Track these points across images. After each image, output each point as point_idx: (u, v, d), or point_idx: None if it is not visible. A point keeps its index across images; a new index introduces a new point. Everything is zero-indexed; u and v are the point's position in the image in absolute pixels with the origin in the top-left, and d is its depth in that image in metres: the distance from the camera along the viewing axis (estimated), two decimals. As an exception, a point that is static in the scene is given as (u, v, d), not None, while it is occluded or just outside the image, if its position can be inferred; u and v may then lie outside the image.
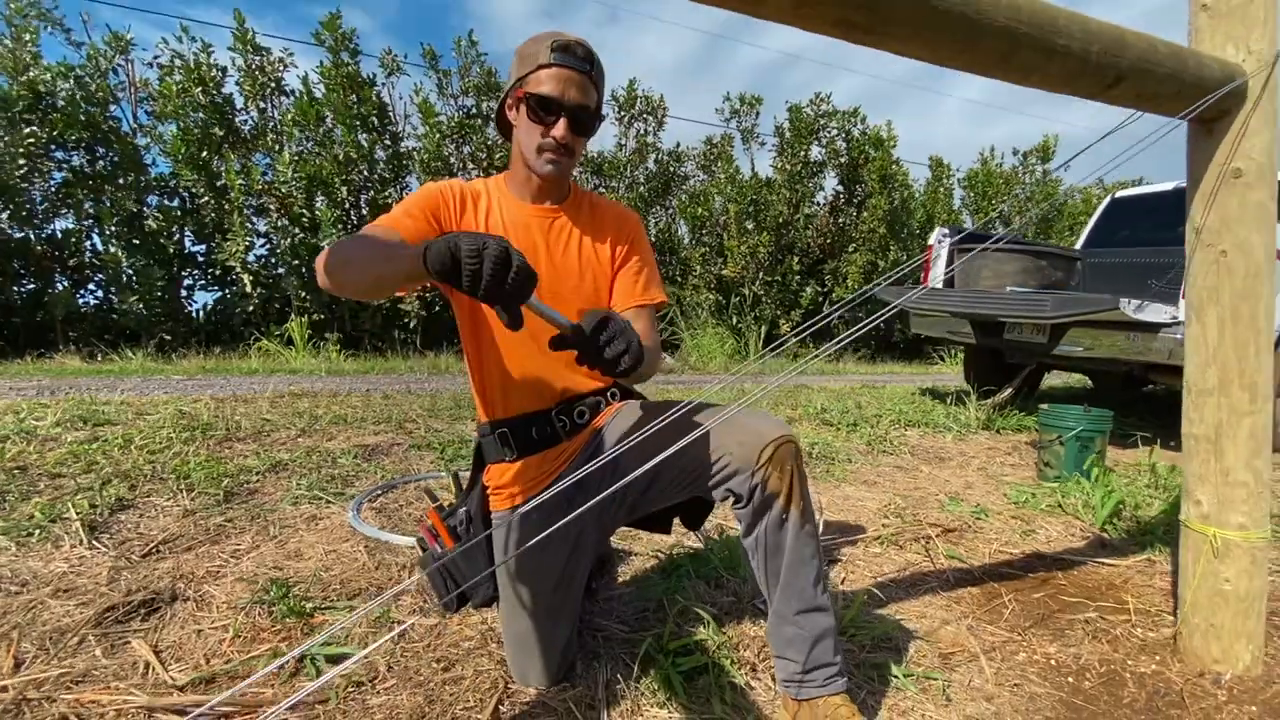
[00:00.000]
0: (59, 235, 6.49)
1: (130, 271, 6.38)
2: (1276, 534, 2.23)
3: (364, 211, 7.39)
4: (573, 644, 1.27)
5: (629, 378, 1.03)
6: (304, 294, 6.89)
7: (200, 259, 7.17)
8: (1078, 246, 5.42)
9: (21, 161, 5.93)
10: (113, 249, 6.38)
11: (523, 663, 1.22)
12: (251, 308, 6.85)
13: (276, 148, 6.95)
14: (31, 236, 6.31)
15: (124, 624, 1.40)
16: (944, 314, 4.52)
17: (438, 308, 7.50)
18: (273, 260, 7.03)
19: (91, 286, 6.82)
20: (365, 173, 7.26)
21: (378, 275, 0.89)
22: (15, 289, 6.34)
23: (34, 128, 5.99)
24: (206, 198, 6.68)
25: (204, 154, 6.60)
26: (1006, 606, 1.67)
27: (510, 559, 1.19)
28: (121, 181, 6.52)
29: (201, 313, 7.29)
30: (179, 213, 6.88)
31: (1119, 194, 5.37)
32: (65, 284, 6.60)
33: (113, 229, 6.39)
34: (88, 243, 6.64)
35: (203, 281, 7.29)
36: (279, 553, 1.79)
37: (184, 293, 7.13)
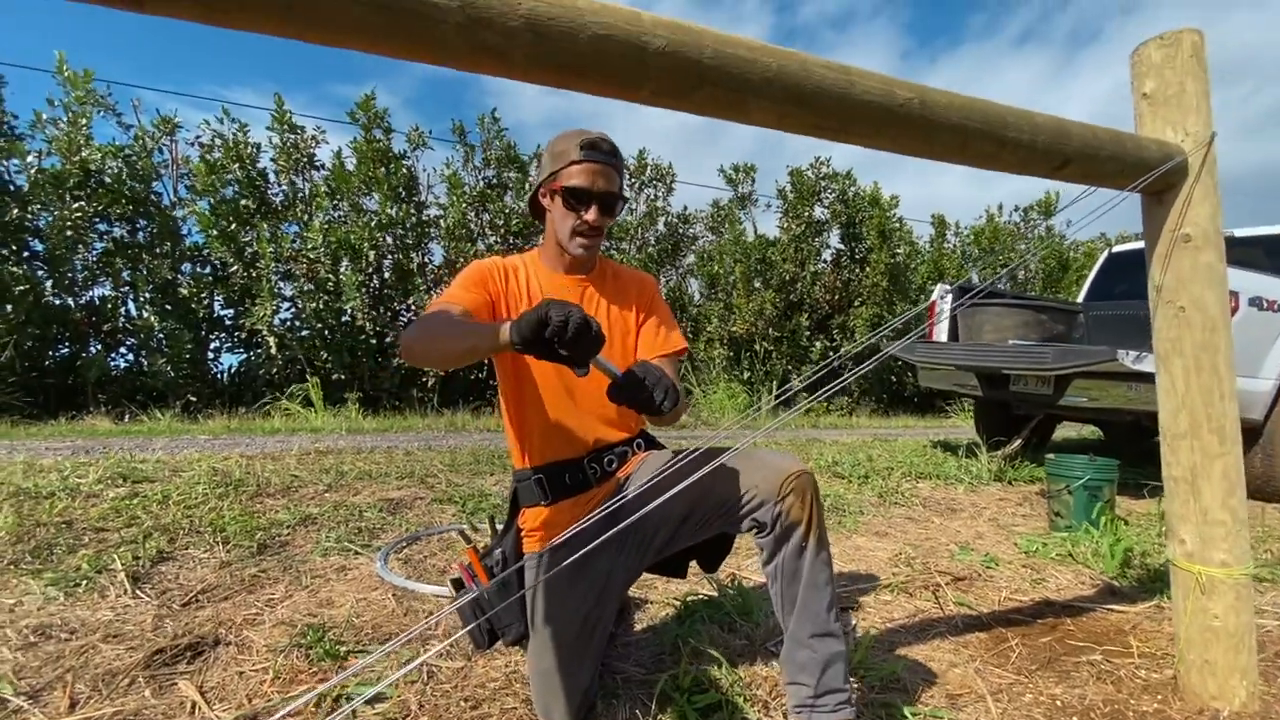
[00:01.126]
0: (96, 301, 6.82)
1: (161, 335, 6.67)
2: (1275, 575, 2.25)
3: (386, 275, 7.71)
4: (594, 684, 1.34)
5: (666, 416, 1.18)
6: (325, 355, 7.13)
7: (228, 323, 7.47)
8: (1080, 300, 5.55)
9: (68, 234, 6.32)
10: (146, 314, 6.69)
11: (547, 700, 1.29)
12: (275, 369, 7.08)
13: (306, 217, 7.34)
14: (71, 303, 6.65)
15: (171, 666, 1.49)
16: (949, 367, 4.62)
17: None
18: (297, 324, 7.31)
19: (123, 350, 7.11)
20: (391, 239, 7.63)
21: (464, 350, 1.04)
22: (51, 353, 6.64)
23: (81, 202, 6.41)
24: (236, 266, 7.03)
25: (233, 226, 7.00)
26: (1014, 650, 1.71)
27: (542, 599, 1.28)
28: (159, 251, 6.90)
29: (226, 375, 7.55)
30: (210, 279, 7.23)
31: (1115, 249, 5.53)
32: (99, 348, 6.90)
33: (147, 295, 6.73)
34: (123, 308, 6.98)
35: (229, 344, 7.58)
36: (311, 601, 1.87)
37: (210, 355, 7.41)
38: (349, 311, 7.23)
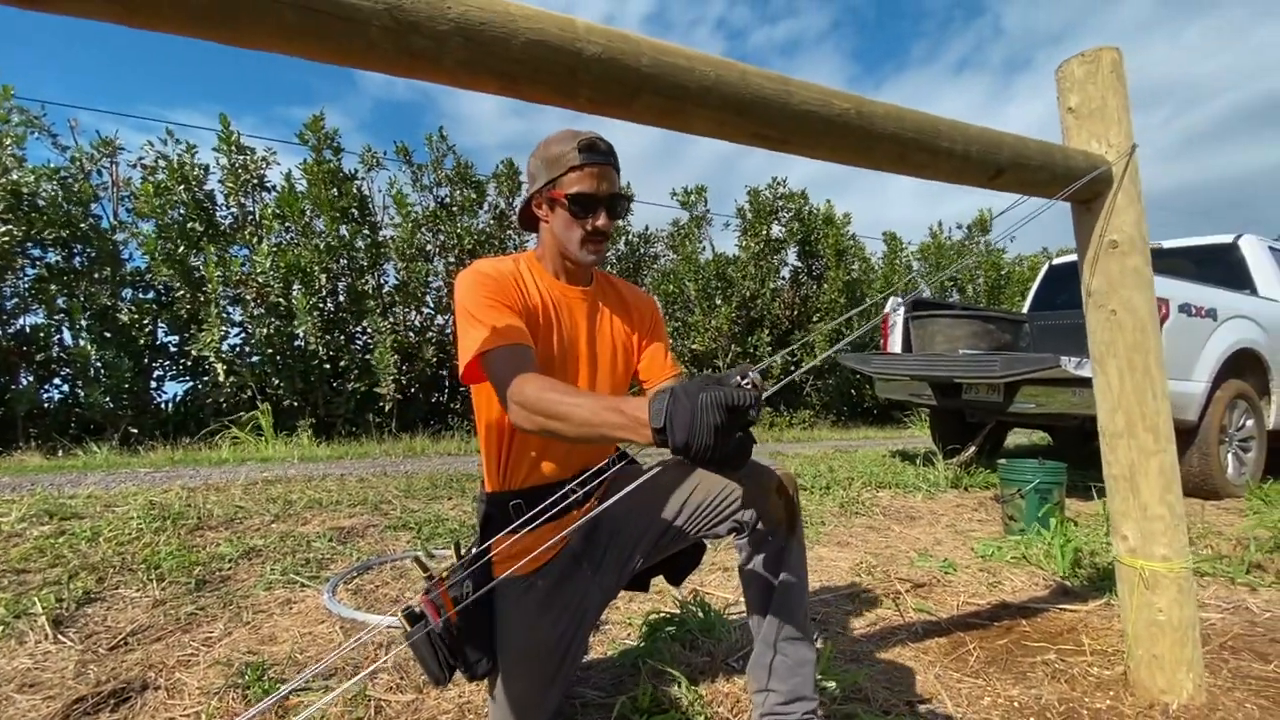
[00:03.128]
0: (27, 330, 6.46)
1: (99, 364, 6.34)
2: (1218, 569, 2.34)
3: (341, 299, 7.53)
4: (558, 711, 1.29)
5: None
6: (276, 381, 6.88)
7: (172, 350, 7.16)
8: (1024, 310, 5.77)
9: (-4, 260, 5.99)
10: (82, 343, 6.36)
11: (505, 729, 1.23)
12: (223, 397, 6.80)
13: (255, 240, 7.13)
14: (-1, 332, 6.29)
15: (93, 716, 1.38)
16: (904, 377, 4.73)
17: (413, 389, 7.53)
18: (247, 349, 7.05)
19: (57, 381, 6.74)
20: (344, 261, 7.45)
21: (594, 436, 0.94)
22: (-23, 386, 6.25)
23: (11, 226, 6.09)
24: (183, 291, 6.76)
25: (181, 249, 6.74)
26: (972, 654, 1.73)
27: (515, 626, 1.20)
28: (97, 276, 6.59)
29: (170, 404, 7.21)
30: (154, 305, 6.93)
31: (1055, 261, 5.78)
32: (30, 379, 6.52)
33: (84, 323, 6.40)
34: (56, 337, 6.62)
35: (173, 372, 7.24)
36: (252, 637, 1.77)
37: (153, 384, 7.07)
38: (301, 336, 7.01)
